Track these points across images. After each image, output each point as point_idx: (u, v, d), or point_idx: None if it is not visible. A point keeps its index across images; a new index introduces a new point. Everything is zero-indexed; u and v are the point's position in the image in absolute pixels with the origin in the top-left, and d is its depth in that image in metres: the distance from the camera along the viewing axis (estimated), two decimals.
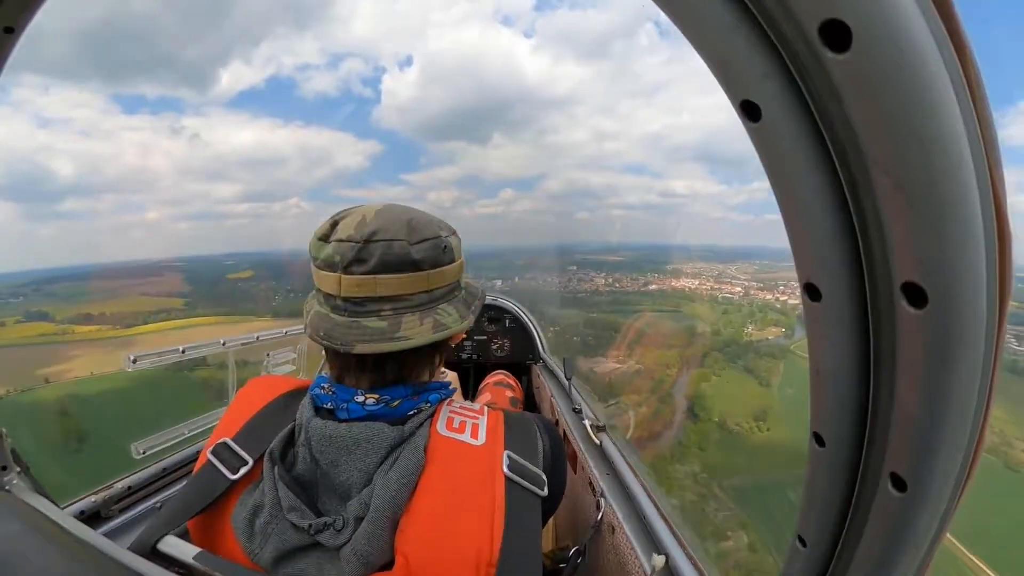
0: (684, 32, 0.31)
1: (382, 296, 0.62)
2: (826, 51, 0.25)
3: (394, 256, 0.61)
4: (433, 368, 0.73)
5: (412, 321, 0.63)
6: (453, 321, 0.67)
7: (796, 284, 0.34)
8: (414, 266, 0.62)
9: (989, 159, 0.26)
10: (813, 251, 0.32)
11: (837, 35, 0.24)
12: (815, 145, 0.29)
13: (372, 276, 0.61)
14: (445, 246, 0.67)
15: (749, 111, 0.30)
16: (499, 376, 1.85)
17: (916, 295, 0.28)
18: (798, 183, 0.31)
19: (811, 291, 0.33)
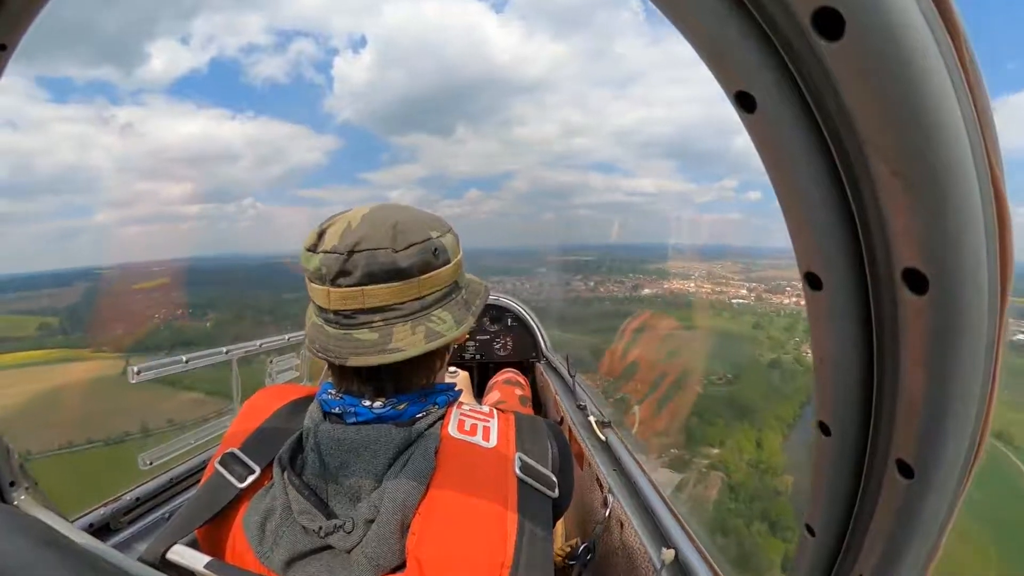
0: (675, 24, 0.31)
1: (371, 307, 0.61)
2: (819, 39, 0.25)
3: (379, 266, 0.60)
4: (435, 373, 0.72)
5: (404, 331, 0.61)
6: (448, 328, 0.65)
7: (799, 284, 0.33)
8: (401, 274, 0.61)
9: (986, 142, 0.26)
10: (812, 240, 0.32)
11: (830, 23, 0.24)
12: (811, 134, 0.29)
13: (359, 288, 0.60)
14: (435, 248, 0.64)
15: (744, 102, 0.30)
16: (508, 374, 1.85)
17: (917, 281, 0.28)
18: (795, 173, 0.31)
19: (812, 280, 0.33)
